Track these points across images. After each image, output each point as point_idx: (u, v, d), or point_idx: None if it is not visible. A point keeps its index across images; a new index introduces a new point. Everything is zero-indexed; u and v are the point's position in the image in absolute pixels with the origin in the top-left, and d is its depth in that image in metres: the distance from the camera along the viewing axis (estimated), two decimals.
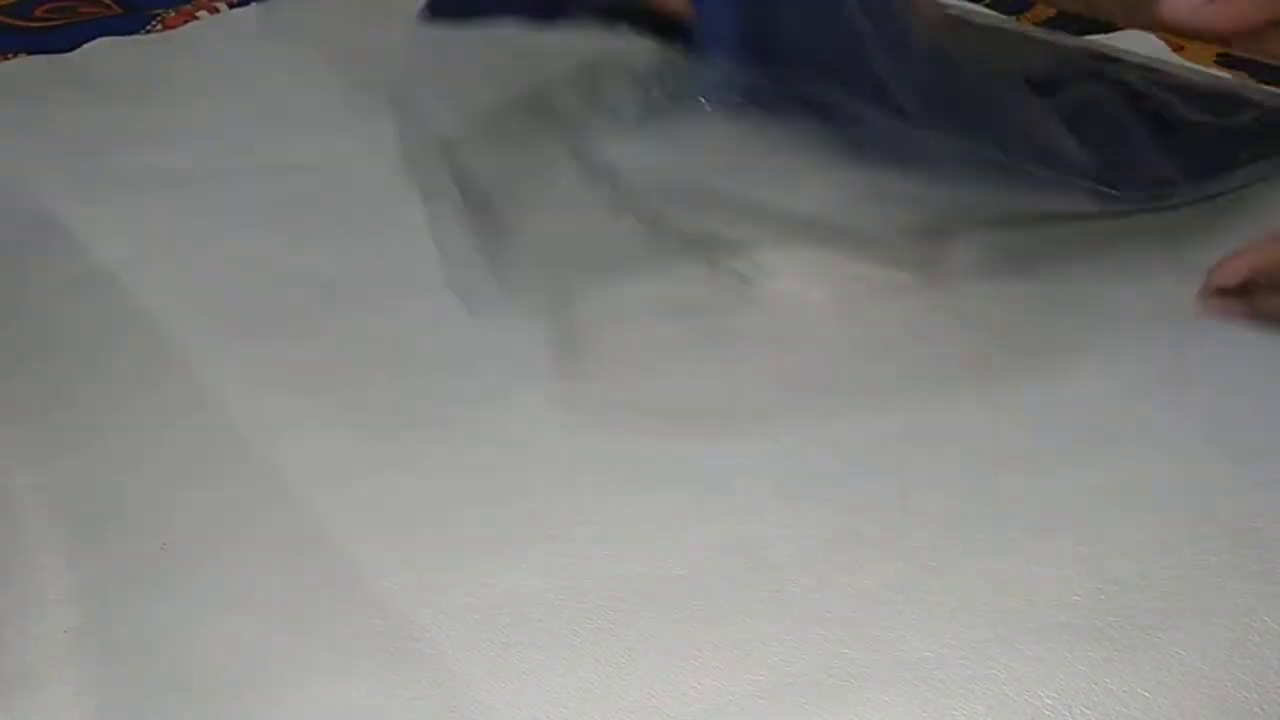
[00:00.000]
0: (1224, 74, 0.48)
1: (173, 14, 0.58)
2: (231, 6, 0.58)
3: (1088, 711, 0.24)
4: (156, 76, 0.52)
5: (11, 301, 0.38)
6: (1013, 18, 0.53)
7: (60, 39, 0.55)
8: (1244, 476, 0.29)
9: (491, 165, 0.39)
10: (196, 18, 0.57)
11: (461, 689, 0.25)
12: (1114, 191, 0.35)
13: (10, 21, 0.57)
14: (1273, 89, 0.44)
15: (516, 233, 0.39)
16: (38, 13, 0.58)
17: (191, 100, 0.50)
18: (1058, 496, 0.29)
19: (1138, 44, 0.49)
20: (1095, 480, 0.29)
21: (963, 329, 0.35)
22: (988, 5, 0.54)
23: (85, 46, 0.54)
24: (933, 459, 0.30)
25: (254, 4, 0.59)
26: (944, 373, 0.33)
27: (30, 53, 0.54)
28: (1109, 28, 0.51)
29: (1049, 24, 0.53)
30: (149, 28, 0.57)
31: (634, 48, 0.39)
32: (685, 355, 0.34)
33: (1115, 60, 0.43)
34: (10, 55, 0.54)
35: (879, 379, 0.33)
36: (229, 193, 0.43)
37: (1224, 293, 0.34)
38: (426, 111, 0.40)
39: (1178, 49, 0.49)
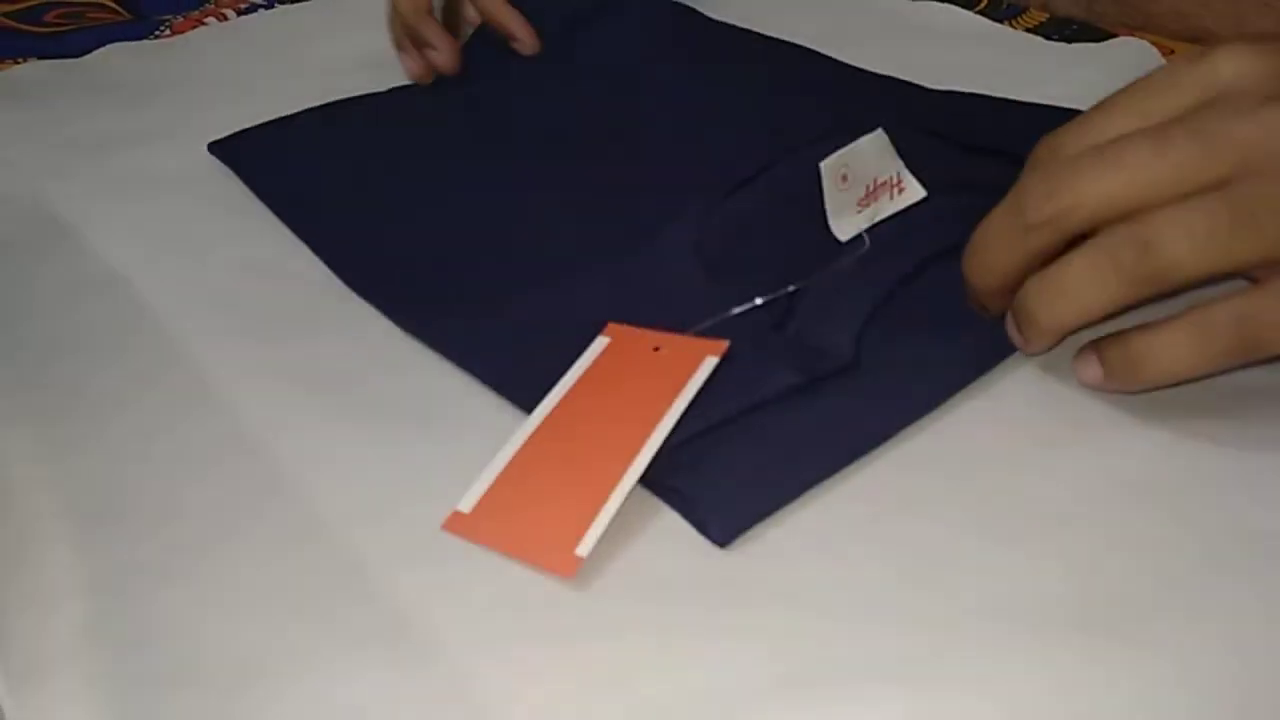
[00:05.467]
0: None
1: (181, 20, 0.58)
2: (239, 13, 0.59)
3: (1085, 709, 0.24)
4: (165, 82, 0.52)
5: (21, 302, 0.39)
6: (1004, 23, 0.54)
7: (70, 44, 0.55)
8: (1242, 475, 0.29)
9: None
10: (204, 24, 0.58)
11: (465, 684, 0.25)
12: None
13: (21, 27, 0.58)
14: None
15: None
16: (48, 18, 0.59)
17: (199, 105, 0.50)
18: (1053, 495, 0.29)
19: (1133, 49, 0.50)
20: (1094, 479, 0.29)
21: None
22: (979, 11, 0.55)
23: (95, 52, 0.54)
24: (929, 457, 0.30)
25: (261, 10, 0.59)
26: None
27: (40, 57, 0.55)
28: (1103, 34, 0.52)
29: (1041, 29, 0.53)
30: (157, 33, 0.57)
31: None
32: None
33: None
34: (21, 60, 0.54)
35: None
36: (235, 196, 0.43)
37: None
38: None
39: (1168, 53, 0.49)
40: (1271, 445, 0.30)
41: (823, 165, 0.36)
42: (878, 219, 0.37)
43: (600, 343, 0.33)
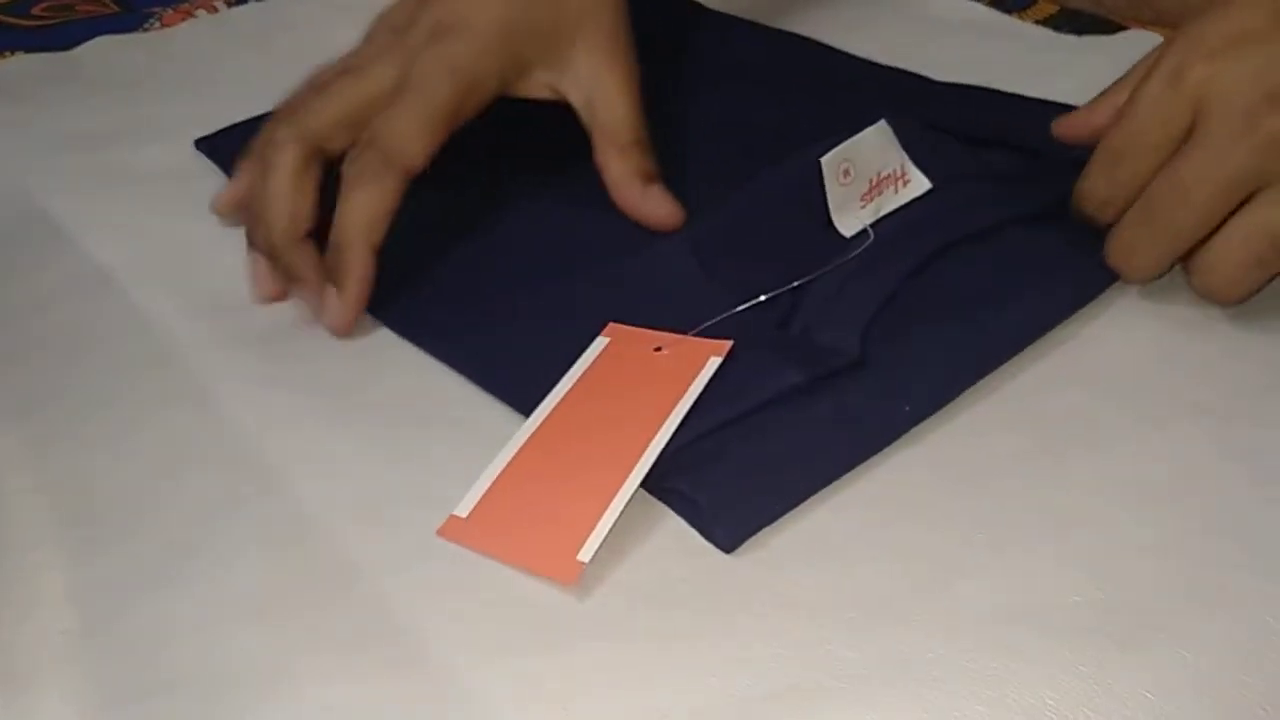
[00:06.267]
0: None
1: (170, 12, 0.58)
2: (230, 5, 0.58)
3: (1088, 712, 0.24)
4: (154, 75, 0.52)
5: (7, 300, 0.38)
6: (1013, 15, 0.53)
7: (57, 37, 0.55)
8: (1244, 475, 0.29)
9: None
10: (194, 16, 0.57)
11: (460, 689, 0.25)
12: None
13: (7, 20, 0.57)
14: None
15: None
16: (35, 11, 0.58)
17: (189, 99, 0.50)
18: (1058, 497, 0.29)
19: (1144, 43, 0.49)
20: (1095, 480, 0.29)
21: None
22: (988, 3, 0.54)
23: (83, 45, 0.54)
24: (932, 460, 0.30)
25: (252, 3, 0.58)
26: None
27: (28, 51, 0.54)
28: (1113, 26, 0.51)
29: (1050, 21, 0.52)
30: (146, 26, 0.57)
31: None
32: None
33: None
34: (8, 53, 0.54)
35: None
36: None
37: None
38: None
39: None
40: (1278, 445, 0.30)
41: (823, 160, 0.36)
42: (882, 213, 0.36)
43: (599, 343, 0.33)
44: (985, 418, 0.31)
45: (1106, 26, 0.51)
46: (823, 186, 0.36)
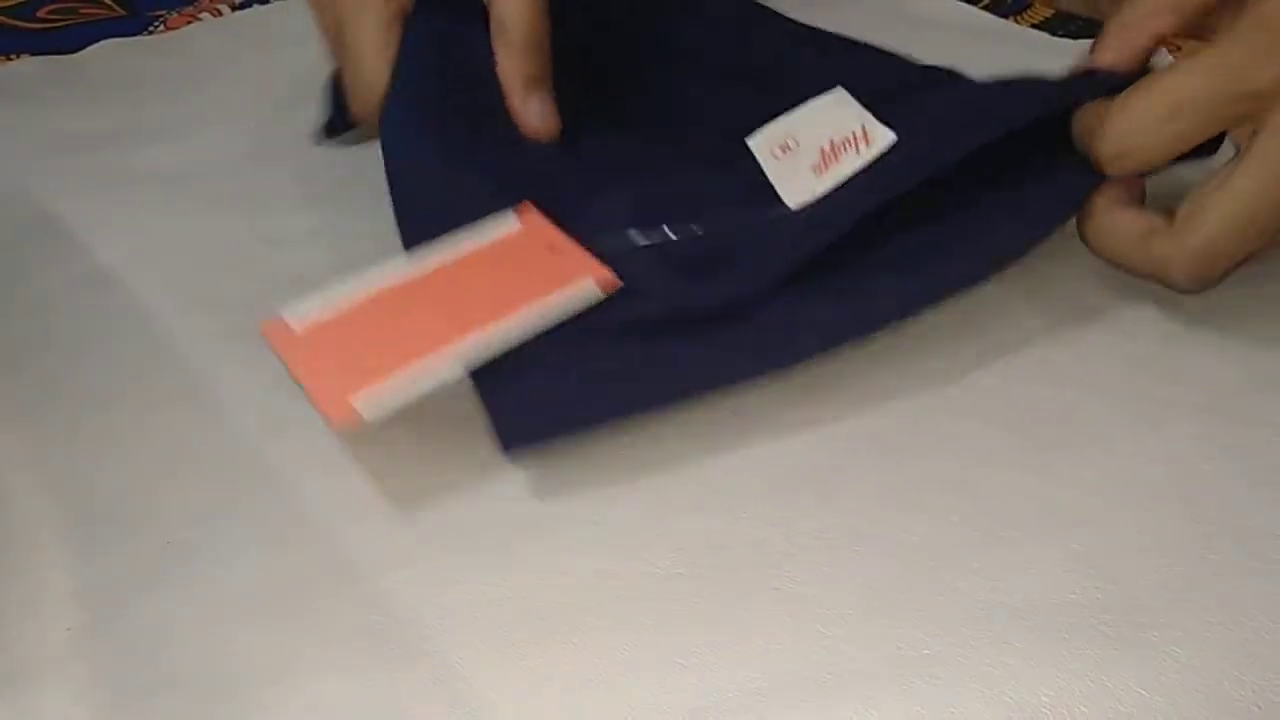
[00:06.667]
0: None
1: (175, 15, 0.58)
2: (234, 8, 0.58)
3: (1085, 710, 0.24)
4: (158, 77, 0.52)
5: (11, 300, 0.38)
6: (1009, 18, 0.53)
7: (63, 40, 0.55)
8: (1242, 475, 0.29)
9: None
10: (199, 19, 0.57)
11: (462, 686, 0.25)
12: None
13: (13, 23, 0.57)
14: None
15: None
16: (40, 14, 0.58)
17: (191, 100, 0.50)
18: (1057, 496, 0.29)
19: None
20: (1095, 480, 0.29)
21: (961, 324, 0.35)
22: (984, 7, 0.54)
23: (88, 48, 0.54)
24: (931, 457, 0.30)
25: (256, 5, 0.59)
26: (942, 372, 0.33)
27: (33, 53, 0.54)
28: None
29: (1046, 25, 0.52)
30: (151, 29, 0.57)
31: None
32: None
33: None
34: (13, 56, 0.54)
35: (877, 377, 0.33)
36: (228, 194, 0.43)
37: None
38: None
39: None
40: (1276, 444, 0.30)
41: (750, 142, 0.35)
42: (842, 177, 0.34)
43: (507, 219, 0.33)
44: (981, 416, 0.31)
45: (1101, 30, 0.51)
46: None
